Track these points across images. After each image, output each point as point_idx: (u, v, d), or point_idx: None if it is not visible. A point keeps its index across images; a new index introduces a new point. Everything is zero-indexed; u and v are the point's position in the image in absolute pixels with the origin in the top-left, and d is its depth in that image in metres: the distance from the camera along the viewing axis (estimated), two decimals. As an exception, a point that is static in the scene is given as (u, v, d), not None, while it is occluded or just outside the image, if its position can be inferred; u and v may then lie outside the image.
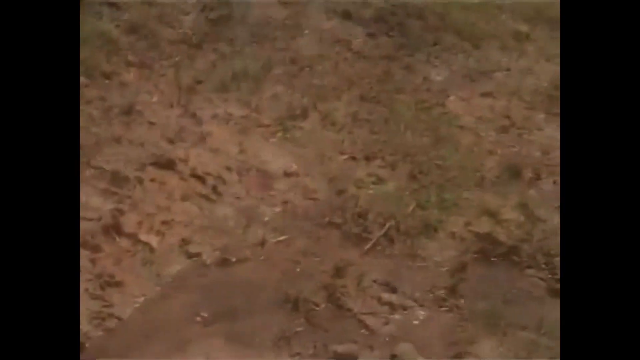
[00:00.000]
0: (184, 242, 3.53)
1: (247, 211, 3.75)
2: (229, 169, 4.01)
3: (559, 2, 6.27)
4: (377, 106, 4.66)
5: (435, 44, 5.46)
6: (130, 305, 3.19)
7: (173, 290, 3.29)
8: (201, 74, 4.82)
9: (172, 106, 4.49)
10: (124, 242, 3.49)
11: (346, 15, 5.76)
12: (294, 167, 4.07)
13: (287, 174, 4.02)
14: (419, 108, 4.67)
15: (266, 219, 3.72)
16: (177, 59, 4.97)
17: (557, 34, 5.74)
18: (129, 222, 3.56)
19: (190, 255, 3.47)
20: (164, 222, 3.62)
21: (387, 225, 3.67)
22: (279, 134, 4.33)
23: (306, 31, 5.50)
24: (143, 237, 3.52)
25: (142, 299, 3.23)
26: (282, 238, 3.60)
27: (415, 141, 4.32)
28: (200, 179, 3.92)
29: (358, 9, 5.86)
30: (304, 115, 4.49)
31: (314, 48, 5.27)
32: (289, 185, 3.95)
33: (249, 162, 4.07)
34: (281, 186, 3.94)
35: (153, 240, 3.51)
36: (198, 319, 3.16)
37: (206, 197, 3.82)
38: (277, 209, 3.78)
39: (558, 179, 4.18)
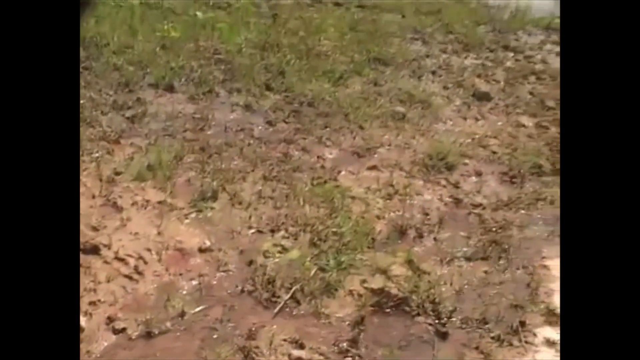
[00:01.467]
0: (110, 319, 3.43)
1: (167, 287, 3.69)
2: (148, 250, 3.94)
3: (428, 86, 6.61)
4: (279, 184, 4.70)
5: (326, 127, 5.60)
6: (62, 383, 3.06)
7: (101, 365, 3.19)
8: (120, 166, 4.77)
9: (94, 197, 4.41)
10: (54, 325, 3.36)
11: (247, 107, 5.87)
12: (208, 244, 4.03)
13: (201, 250, 3.98)
14: (315, 184, 4.74)
15: (184, 292, 3.65)
16: (97, 154, 4.92)
17: (428, 112, 6.01)
18: (58, 305, 3.44)
19: (116, 332, 3.36)
20: (90, 303, 3.51)
21: (293, 289, 3.66)
22: (193, 215, 4.30)
23: (213, 123, 5.56)
24: (72, 318, 3.41)
25: (73, 375, 3.11)
26: (199, 309, 3.54)
27: (314, 213, 4.36)
28: (123, 261, 3.84)
29: (257, 101, 5.98)
30: (215, 196, 4.48)
31: (221, 137, 5.32)
32: (204, 260, 3.91)
33: (167, 242, 4.01)
34: (197, 261, 3.90)
35: (81, 321, 3.40)
36: (126, 389, 3.06)
37: (129, 277, 3.73)
38: (194, 283, 3.72)
39: (438, 235, 4.31)
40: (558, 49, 8.13)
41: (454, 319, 3.58)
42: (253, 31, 7.57)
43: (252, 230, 4.20)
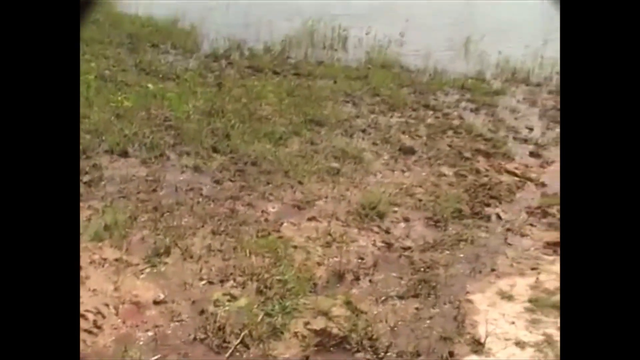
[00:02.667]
0: (72, 373, 3.32)
1: (125, 338, 3.60)
2: (106, 305, 3.85)
3: (359, 143, 6.72)
4: (227, 238, 4.67)
5: (268, 184, 5.62)
6: None
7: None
8: (78, 228, 4.69)
9: (54, 258, 4.30)
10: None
11: (196, 169, 5.86)
12: (162, 296, 3.96)
13: (156, 303, 3.90)
14: (260, 236, 4.72)
15: (141, 342, 3.57)
16: (56, 217, 4.80)
17: (361, 167, 6.09)
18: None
19: (77, 384, 3.26)
20: (52, 359, 3.40)
21: (242, 334, 3.62)
22: (147, 270, 4.23)
23: (164, 184, 5.52)
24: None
25: None
26: (155, 357, 3.46)
27: (259, 263, 4.33)
28: (83, 316, 3.73)
29: (205, 162, 5.97)
30: (167, 252, 4.42)
31: (172, 197, 5.28)
32: (159, 311, 3.84)
33: (123, 297, 3.92)
34: (152, 313, 3.82)
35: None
36: None
37: (88, 332, 3.63)
38: (150, 333, 3.65)
39: (373, 277, 4.35)
40: (472, 105, 8.41)
41: (390, 353, 3.59)
42: (200, 99, 7.60)
43: (203, 282, 4.16)
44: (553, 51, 10.04)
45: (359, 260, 4.53)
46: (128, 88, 7.83)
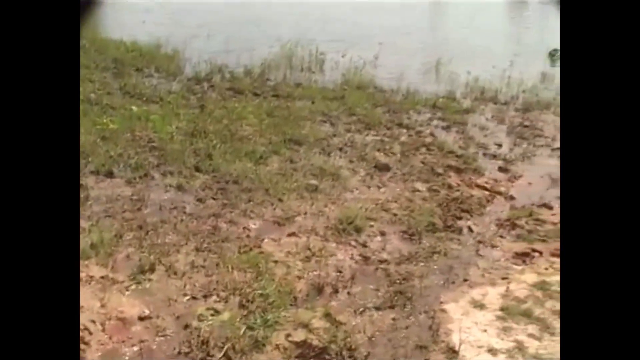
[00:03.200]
0: (59, 388, 3.27)
1: (111, 354, 3.57)
2: (93, 321, 3.80)
3: (336, 161, 6.75)
4: (210, 254, 4.65)
5: (250, 201, 5.61)
6: None
7: None
8: (65, 247, 4.62)
9: (41, 277, 4.25)
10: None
11: (180, 187, 5.83)
12: (147, 312, 3.92)
13: (141, 318, 3.87)
14: (242, 252, 4.71)
15: (127, 357, 3.54)
16: (43, 237, 4.75)
17: (338, 184, 6.11)
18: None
19: (64, 400, 3.21)
20: (39, 375, 3.35)
21: (225, 347, 3.60)
22: (133, 287, 4.19)
23: (149, 203, 5.48)
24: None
25: None
26: (141, 372, 3.43)
27: (241, 278, 4.32)
28: (70, 333, 3.70)
29: (188, 181, 5.94)
30: (152, 269, 4.38)
31: (156, 215, 5.25)
32: (144, 327, 3.80)
33: (110, 313, 3.88)
34: (137, 329, 3.79)
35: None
36: None
37: (75, 348, 3.60)
38: (135, 348, 3.61)
39: (351, 290, 4.35)
40: (443, 124, 8.49)
41: (368, 363, 3.59)
42: (183, 120, 7.58)
43: (187, 297, 4.13)
44: (519, 72, 10.23)
45: (338, 274, 4.54)
46: (113, 111, 7.77)
